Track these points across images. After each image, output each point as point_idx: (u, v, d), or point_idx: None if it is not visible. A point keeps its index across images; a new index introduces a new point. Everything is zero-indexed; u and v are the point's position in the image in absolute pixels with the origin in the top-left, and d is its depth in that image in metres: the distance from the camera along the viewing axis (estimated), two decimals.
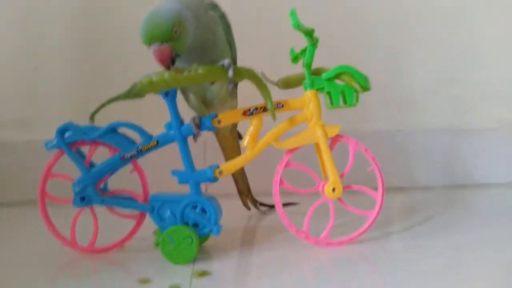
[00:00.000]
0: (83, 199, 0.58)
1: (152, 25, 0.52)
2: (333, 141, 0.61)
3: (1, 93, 0.85)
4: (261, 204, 0.77)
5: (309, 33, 0.57)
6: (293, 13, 0.55)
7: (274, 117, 0.57)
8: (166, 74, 0.54)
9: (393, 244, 0.61)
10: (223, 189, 0.69)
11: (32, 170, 0.68)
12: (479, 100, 0.92)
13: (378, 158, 0.62)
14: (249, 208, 0.77)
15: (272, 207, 0.77)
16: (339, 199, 0.61)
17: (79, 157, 0.59)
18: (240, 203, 0.76)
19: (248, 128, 0.59)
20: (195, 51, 0.56)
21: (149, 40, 0.52)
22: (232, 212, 0.66)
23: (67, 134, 0.58)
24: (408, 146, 0.91)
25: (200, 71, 0.54)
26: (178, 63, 0.56)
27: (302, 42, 0.59)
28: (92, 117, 0.56)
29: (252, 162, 0.73)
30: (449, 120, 0.92)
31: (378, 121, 0.90)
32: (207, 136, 0.69)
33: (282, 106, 0.59)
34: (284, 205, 0.62)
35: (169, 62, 0.53)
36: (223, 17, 0.60)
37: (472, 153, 0.91)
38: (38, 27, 0.85)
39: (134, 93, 0.54)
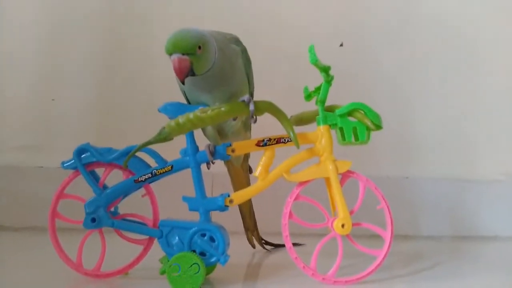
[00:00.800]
0: (93, 221, 0.59)
1: (178, 37, 0.55)
2: (344, 176, 0.62)
3: (17, 119, 0.88)
4: (267, 242, 0.77)
5: (325, 70, 0.59)
6: (311, 49, 0.58)
7: (297, 145, 0.58)
8: (191, 115, 0.56)
9: (398, 286, 0.60)
10: (229, 226, 0.69)
11: (42, 196, 0.68)
12: (485, 152, 0.93)
13: None
14: (254, 246, 0.76)
15: (277, 246, 0.77)
16: (347, 236, 0.61)
17: (94, 179, 0.60)
18: (245, 240, 0.76)
19: (261, 159, 0.61)
20: (213, 78, 0.58)
21: (172, 49, 0.55)
22: (237, 248, 0.65)
23: (83, 155, 0.60)
24: (415, 194, 0.91)
25: (223, 109, 0.57)
26: (195, 91, 0.59)
27: (314, 81, 0.62)
28: (125, 164, 0.58)
29: (260, 200, 0.74)
30: (456, 170, 0.93)
31: (386, 166, 0.91)
32: (214, 168, 0.70)
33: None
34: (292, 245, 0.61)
35: (185, 74, 0.55)
36: (244, 51, 0.63)
37: (478, 204, 0.91)
38: (55, 58, 0.89)
39: (163, 137, 0.56)
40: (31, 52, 0.88)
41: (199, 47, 0.55)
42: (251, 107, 0.57)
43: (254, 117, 0.58)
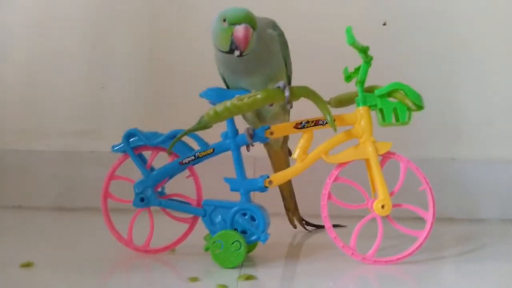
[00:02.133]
0: (142, 200, 0.62)
1: (245, 11, 0.57)
2: (384, 158, 0.62)
3: (69, 106, 0.93)
4: (307, 223, 0.78)
5: (363, 51, 0.59)
6: (349, 31, 0.58)
7: (335, 128, 0.59)
8: (228, 103, 0.58)
9: (442, 267, 0.60)
10: (271, 208, 0.70)
11: (94, 179, 0.72)
12: None
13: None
14: (295, 227, 0.78)
15: (318, 227, 0.78)
16: (388, 217, 0.61)
17: (141, 161, 0.64)
18: (286, 222, 0.77)
19: (299, 141, 0.62)
20: (251, 62, 0.60)
21: (242, 19, 0.57)
22: (278, 229, 0.67)
23: (132, 139, 0.63)
24: (461, 176, 0.89)
25: (259, 96, 0.58)
26: (233, 76, 0.61)
27: (354, 63, 0.62)
28: (169, 151, 0.61)
29: (301, 181, 0.75)
30: (504, 151, 0.89)
31: (431, 148, 0.89)
32: (257, 151, 0.72)
33: (334, 120, 0.61)
34: (333, 226, 0.62)
35: (248, 43, 0.57)
36: (281, 35, 0.63)
37: None
38: (106, 47, 0.92)
39: (203, 125, 0.59)
40: (81, 43, 0.93)
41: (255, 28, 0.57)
42: (287, 93, 0.58)
43: (290, 103, 0.59)
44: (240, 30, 0.56)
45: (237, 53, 0.57)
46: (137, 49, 0.92)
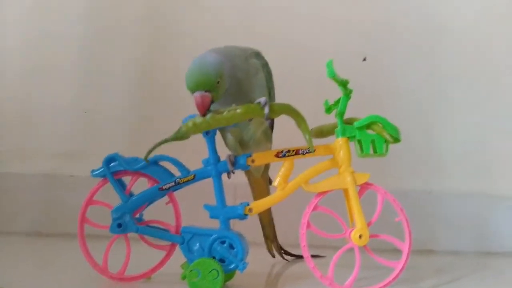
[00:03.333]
0: (119, 226, 0.62)
1: (199, 74, 0.58)
2: (362, 188, 0.63)
3: (50, 128, 0.92)
4: (286, 252, 0.78)
5: (343, 84, 0.61)
6: (329, 64, 0.60)
7: (311, 145, 0.60)
8: (208, 116, 0.59)
9: None
10: (250, 236, 0.70)
11: (72, 203, 0.70)
12: (510, 167, 0.92)
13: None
14: (273, 256, 0.77)
15: (297, 257, 0.78)
16: (365, 247, 0.62)
17: (121, 186, 0.63)
18: (265, 251, 0.77)
19: (280, 169, 0.62)
20: (231, 96, 0.61)
21: (195, 87, 0.58)
22: (257, 258, 0.67)
23: (112, 164, 0.63)
24: (437, 209, 0.90)
25: (238, 110, 0.59)
26: (214, 106, 0.62)
27: (335, 94, 0.63)
28: (146, 159, 0.61)
29: (281, 211, 0.76)
30: (481, 185, 0.92)
31: (409, 180, 0.91)
32: (237, 179, 0.72)
33: (314, 150, 0.62)
34: (311, 256, 0.62)
35: (207, 109, 0.59)
36: (265, 65, 0.65)
37: (503, 220, 0.89)
38: (90, 71, 0.92)
39: (180, 135, 0.59)
40: (65, 66, 0.93)
41: (218, 82, 0.58)
42: (266, 110, 0.59)
43: (270, 119, 0.60)
44: (196, 99, 0.58)
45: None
46: (123, 74, 0.93)
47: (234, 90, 0.61)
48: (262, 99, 0.60)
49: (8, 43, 0.92)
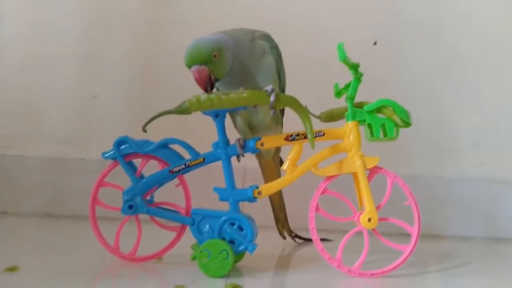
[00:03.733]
0: (130, 208, 0.62)
1: (193, 49, 0.59)
2: (371, 172, 0.63)
3: (60, 112, 0.93)
4: (297, 236, 0.79)
5: (354, 67, 0.60)
6: (340, 47, 0.59)
7: (312, 145, 0.60)
8: (213, 95, 0.59)
9: (426, 282, 0.61)
10: (261, 219, 0.70)
11: (84, 186, 0.71)
12: None
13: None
14: (284, 238, 0.78)
15: (307, 240, 0.78)
16: (374, 230, 0.62)
17: (131, 169, 0.64)
18: (276, 234, 0.78)
19: (289, 153, 0.62)
20: (237, 76, 0.61)
21: (190, 62, 0.59)
22: (268, 241, 0.68)
23: (122, 146, 0.63)
24: (448, 194, 0.90)
25: (244, 94, 0.59)
26: (222, 88, 0.61)
27: (345, 79, 0.63)
28: (144, 128, 0.61)
29: (290, 194, 0.76)
30: (492, 171, 0.91)
31: (419, 165, 0.91)
32: (246, 164, 0.72)
33: (324, 134, 0.62)
34: (320, 240, 0.62)
35: (207, 83, 0.59)
36: (274, 47, 0.65)
37: None
38: (98, 55, 0.93)
39: (182, 109, 0.60)
40: (74, 50, 0.93)
41: (215, 55, 0.58)
42: (272, 98, 0.59)
43: (274, 108, 0.60)
44: (193, 74, 0.59)
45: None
46: (130, 58, 0.93)
47: (239, 70, 0.61)
48: (269, 87, 0.60)
49: (11, 31, 0.93)
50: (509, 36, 0.92)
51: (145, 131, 0.61)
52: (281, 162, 0.73)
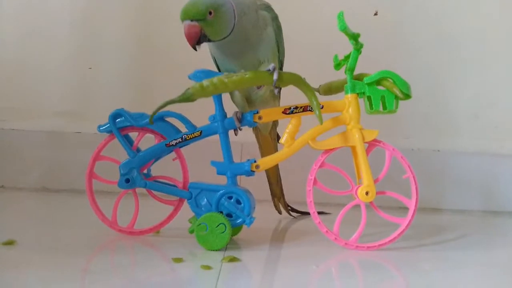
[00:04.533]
0: (127, 181, 0.62)
1: (189, 4, 0.57)
2: (370, 145, 0.62)
3: (56, 86, 0.92)
4: (292, 209, 0.79)
5: (354, 37, 0.59)
6: (340, 16, 0.58)
7: (321, 121, 0.59)
8: (215, 79, 0.58)
9: (422, 255, 0.61)
10: (257, 194, 0.70)
11: (80, 160, 0.71)
12: None
13: None
14: (280, 212, 0.78)
15: (303, 213, 0.78)
16: (371, 204, 0.62)
17: (128, 142, 0.63)
18: (272, 208, 0.78)
19: (287, 126, 0.62)
20: (237, 44, 0.59)
21: (183, 16, 0.57)
22: (264, 215, 0.68)
23: (118, 120, 0.63)
24: (445, 167, 0.90)
25: (247, 75, 0.58)
26: (223, 58, 0.60)
27: (344, 51, 0.62)
28: (151, 120, 0.60)
29: (288, 169, 0.76)
30: (489, 145, 0.91)
31: (417, 138, 0.90)
32: (244, 138, 0.72)
33: (322, 107, 0.61)
34: (317, 213, 0.62)
35: (195, 40, 0.58)
36: (275, 19, 0.63)
37: (510, 179, 0.89)
38: (94, 28, 0.91)
39: (186, 97, 0.59)
40: (69, 23, 0.91)
41: (210, 13, 0.56)
42: (275, 76, 0.58)
43: (278, 87, 0.59)
44: (184, 30, 0.57)
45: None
46: (126, 31, 0.91)
47: (240, 38, 0.59)
48: (271, 66, 0.59)
49: (6, 5, 0.90)
50: (508, 10, 0.90)
51: (152, 123, 0.60)
52: (278, 137, 0.73)
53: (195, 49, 0.58)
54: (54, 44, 0.91)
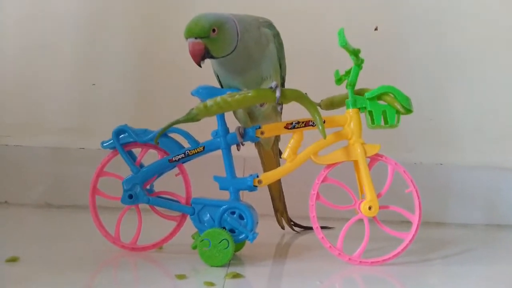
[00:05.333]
0: (130, 197, 0.62)
1: (193, 21, 0.58)
2: (372, 160, 0.62)
3: (59, 102, 0.92)
4: (295, 224, 0.79)
5: (355, 53, 0.60)
6: (341, 33, 0.58)
7: (324, 135, 0.59)
8: (219, 98, 0.59)
9: (427, 270, 0.61)
10: (260, 208, 0.70)
11: (83, 176, 0.72)
12: None
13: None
14: (283, 227, 0.78)
15: (306, 228, 0.78)
16: (374, 218, 0.62)
17: (131, 158, 0.64)
18: (275, 223, 0.78)
19: (289, 141, 0.62)
20: (240, 60, 0.60)
21: (187, 34, 0.58)
22: (267, 230, 0.68)
23: (121, 136, 0.63)
24: (448, 181, 0.90)
25: (249, 94, 0.59)
26: (226, 74, 0.61)
27: (345, 66, 0.62)
28: (156, 141, 0.61)
29: (291, 184, 0.76)
30: (493, 158, 0.91)
31: (419, 152, 0.90)
32: (246, 153, 0.72)
33: (324, 122, 0.61)
34: (320, 228, 0.62)
35: (199, 57, 0.58)
36: (276, 36, 0.64)
37: None
38: (97, 45, 0.92)
39: (191, 117, 0.59)
40: (72, 39, 0.92)
41: (213, 30, 0.57)
42: (278, 94, 0.59)
43: (280, 104, 0.60)
44: (188, 48, 0.58)
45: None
46: (129, 46, 0.92)
47: (243, 55, 0.60)
48: (273, 84, 0.59)
49: (10, 20, 0.91)
50: (510, 22, 0.91)
51: (157, 143, 0.61)
52: (280, 152, 0.73)
53: (199, 65, 0.59)
54: (58, 61, 0.92)
